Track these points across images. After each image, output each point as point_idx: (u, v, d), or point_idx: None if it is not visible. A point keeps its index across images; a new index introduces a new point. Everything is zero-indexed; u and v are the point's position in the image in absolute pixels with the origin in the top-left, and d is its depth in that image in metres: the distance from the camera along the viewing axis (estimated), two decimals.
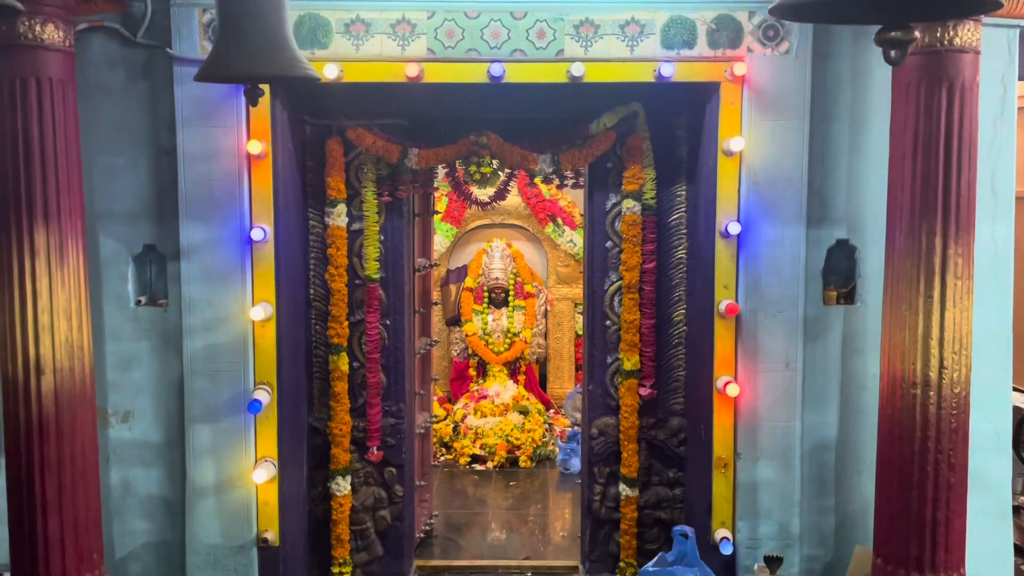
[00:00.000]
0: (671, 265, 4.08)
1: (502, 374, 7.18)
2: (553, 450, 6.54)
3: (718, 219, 3.66)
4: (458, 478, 6.21)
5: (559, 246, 7.48)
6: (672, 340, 4.14)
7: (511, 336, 7.24)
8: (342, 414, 4.09)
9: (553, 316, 7.57)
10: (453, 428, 6.71)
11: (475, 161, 3.92)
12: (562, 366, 7.60)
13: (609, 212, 4.12)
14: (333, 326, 4.01)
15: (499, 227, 7.52)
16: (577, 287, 7.49)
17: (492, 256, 7.30)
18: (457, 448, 6.55)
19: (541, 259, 7.62)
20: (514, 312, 7.27)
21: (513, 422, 6.61)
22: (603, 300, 4.17)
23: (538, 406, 6.98)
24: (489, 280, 7.26)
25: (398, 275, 4.14)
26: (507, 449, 6.44)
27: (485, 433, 6.54)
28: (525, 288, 7.31)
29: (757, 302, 3.69)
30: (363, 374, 4.12)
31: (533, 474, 6.29)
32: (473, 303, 7.30)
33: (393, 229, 4.10)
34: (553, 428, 6.92)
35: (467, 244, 7.58)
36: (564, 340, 7.58)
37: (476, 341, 7.24)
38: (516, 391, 7.01)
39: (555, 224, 7.42)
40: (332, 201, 3.95)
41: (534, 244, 7.59)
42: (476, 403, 6.87)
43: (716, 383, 3.73)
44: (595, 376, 4.22)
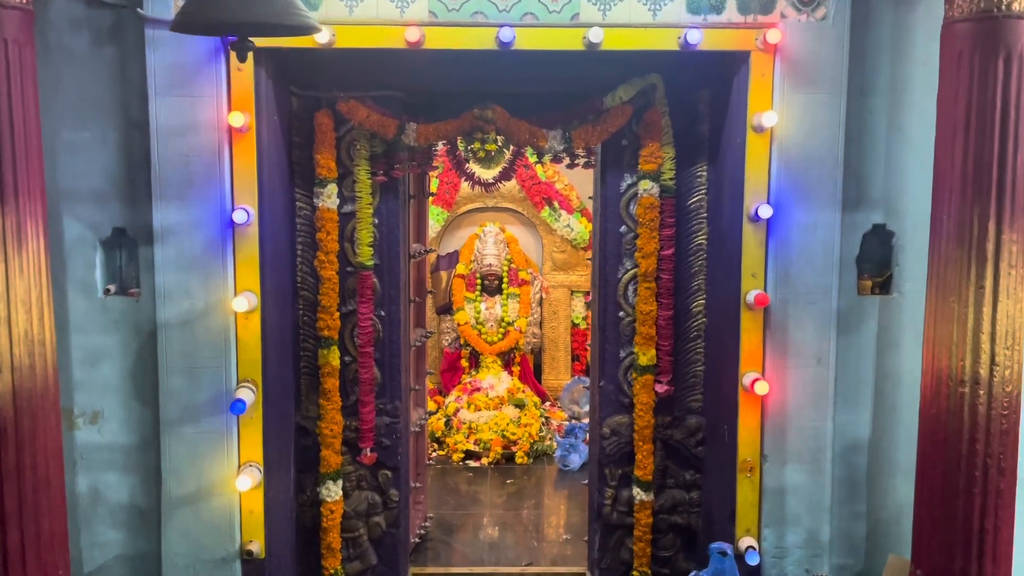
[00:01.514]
0: (690, 252, 3.91)
1: (496, 365, 7.07)
2: (551, 445, 6.42)
3: (746, 202, 3.49)
4: (451, 476, 6.06)
5: (555, 231, 7.34)
6: (690, 333, 3.98)
7: (505, 325, 7.13)
8: (333, 413, 3.89)
9: (549, 304, 7.45)
10: (445, 422, 6.57)
11: (479, 137, 3.71)
12: (558, 356, 7.50)
13: (624, 194, 3.93)
14: (323, 317, 3.82)
15: (492, 211, 7.38)
16: (574, 274, 7.41)
17: (485, 241, 7.17)
18: (450, 444, 6.40)
19: (536, 244, 7.50)
20: (508, 300, 7.17)
21: (508, 416, 6.47)
22: (616, 289, 3.99)
23: (534, 399, 6.86)
24: (482, 266, 7.13)
25: (393, 262, 3.96)
26: (502, 445, 6.30)
27: (479, 428, 6.40)
28: (519, 275, 7.20)
29: (787, 292, 3.53)
30: (355, 369, 3.95)
31: (530, 471, 6.16)
32: (465, 291, 7.18)
33: (388, 212, 3.91)
34: (550, 422, 6.80)
35: (459, 228, 7.45)
36: (560, 329, 7.47)
37: (468, 330, 7.11)
38: (511, 383, 6.88)
39: (551, 208, 7.28)
40: (322, 180, 3.74)
41: (529, 229, 7.47)
42: (469, 396, 6.73)
43: (742, 380, 3.57)
44: (607, 371, 4.05)
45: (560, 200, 7.26)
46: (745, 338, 3.54)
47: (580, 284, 7.39)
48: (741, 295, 3.53)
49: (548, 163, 3.92)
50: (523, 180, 7.19)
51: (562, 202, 7.26)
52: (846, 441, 3.73)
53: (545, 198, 7.24)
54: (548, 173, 7.22)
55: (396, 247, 3.94)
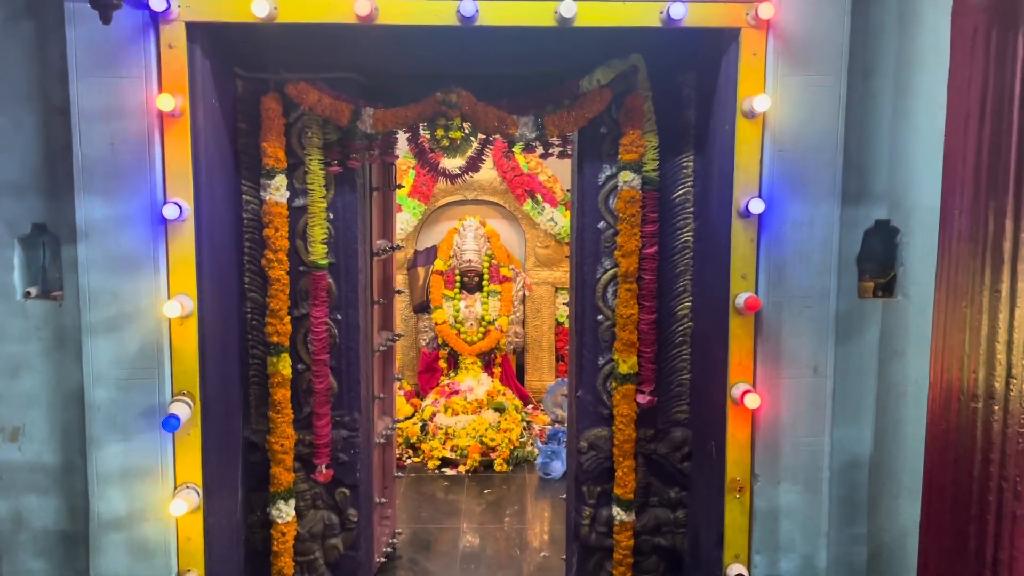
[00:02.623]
0: (675, 250, 3.68)
1: (475, 366, 6.90)
2: (532, 451, 6.22)
3: (736, 195, 3.24)
4: (426, 484, 5.84)
5: (538, 225, 7.18)
6: (675, 338, 3.74)
7: (485, 324, 6.97)
8: (283, 427, 3.65)
9: (531, 302, 7.29)
10: (421, 427, 6.37)
11: (442, 124, 3.47)
12: (541, 357, 7.34)
13: (602, 187, 3.68)
14: (272, 322, 3.57)
15: (472, 204, 7.21)
16: (558, 270, 7.26)
17: (464, 236, 6.99)
18: (425, 450, 6.20)
19: (518, 239, 7.34)
20: (489, 298, 7.02)
21: (487, 421, 6.28)
22: (594, 291, 3.74)
23: (515, 402, 6.68)
24: (461, 262, 6.96)
25: (351, 260, 3.72)
26: (481, 451, 6.09)
27: (456, 433, 6.20)
28: (501, 271, 7.04)
29: (781, 295, 3.29)
30: (309, 379, 3.71)
31: (510, 479, 5.93)
32: (443, 288, 7.00)
33: (345, 205, 3.67)
34: (532, 427, 6.63)
35: (437, 222, 7.28)
36: (544, 328, 7.32)
37: (447, 330, 6.93)
38: (491, 385, 6.70)
39: (534, 201, 7.11)
40: (269, 171, 3.50)
41: (511, 223, 7.31)
42: (447, 399, 6.53)
43: (731, 391, 3.32)
44: (584, 380, 3.80)
45: (543, 193, 7.09)
46: (735, 345, 3.30)
47: (565, 281, 7.21)
48: (730, 298, 3.29)
49: (520, 153, 3.65)
50: (504, 171, 7.01)
51: (545, 195, 7.09)
52: (845, 458, 3.52)
53: (527, 190, 7.07)
54: (531, 164, 7.04)
55: (354, 244, 3.71)
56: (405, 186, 6.83)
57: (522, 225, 7.24)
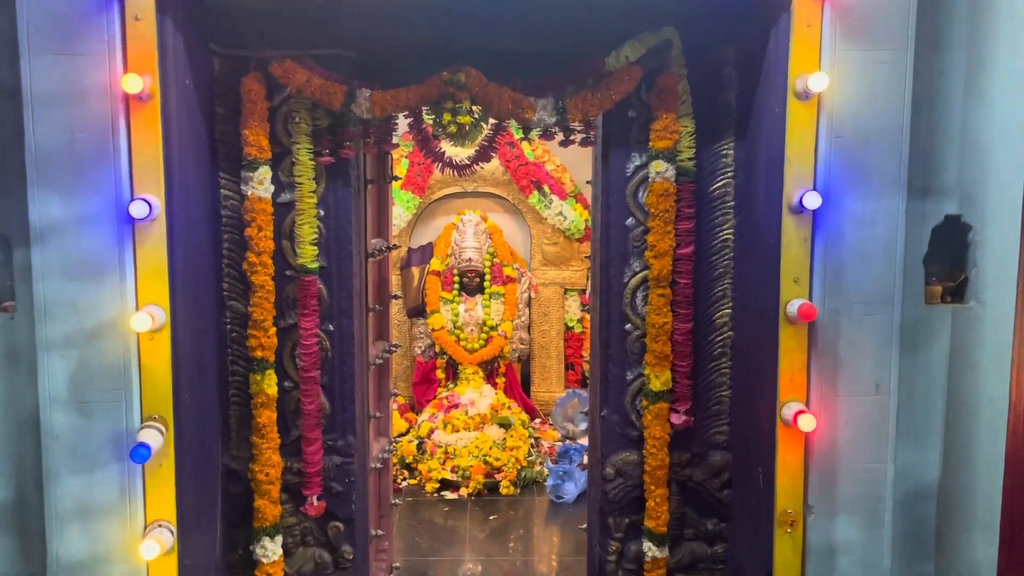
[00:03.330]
0: (713, 250, 3.58)
1: (477, 377, 6.87)
2: (541, 472, 6.14)
3: (787, 188, 3.14)
4: (424, 509, 5.74)
5: (545, 219, 7.14)
6: (713, 350, 3.65)
7: (487, 330, 6.96)
8: (269, 453, 3.54)
9: (538, 305, 7.26)
10: (418, 445, 6.30)
11: (449, 108, 3.35)
12: (549, 365, 7.31)
13: (631, 178, 3.58)
14: (255, 335, 3.47)
15: (472, 196, 7.17)
16: (567, 269, 7.26)
17: (464, 232, 6.98)
18: (423, 471, 6.12)
19: (523, 235, 7.32)
20: (491, 300, 7.01)
21: (492, 438, 6.21)
22: (621, 296, 3.64)
23: (521, 416, 6.63)
24: (460, 261, 6.93)
25: (344, 263, 3.61)
26: (485, 472, 6.01)
27: (457, 453, 6.12)
28: (504, 271, 7.03)
29: (838, 301, 3.19)
30: (297, 398, 3.61)
31: (517, 503, 5.84)
32: (441, 290, 6.98)
33: (337, 201, 3.57)
34: (540, 444, 6.57)
35: (432, 217, 7.25)
36: (552, 334, 7.29)
37: (445, 336, 6.89)
38: (495, 398, 6.64)
39: (540, 193, 7.06)
40: (251, 163, 3.39)
41: (515, 217, 7.28)
42: (445, 414, 6.46)
43: (781, 412, 3.23)
44: (610, 398, 3.70)
45: (551, 184, 7.04)
46: (785, 359, 3.20)
47: (575, 281, 7.22)
48: (780, 305, 3.19)
49: (536, 140, 3.57)
50: (507, 161, 6.96)
51: (553, 186, 7.04)
52: (910, 487, 3.44)
53: (533, 181, 7.02)
54: (536, 152, 7.01)
55: (347, 245, 3.60)
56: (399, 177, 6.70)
57: (527, 220, 7.22)
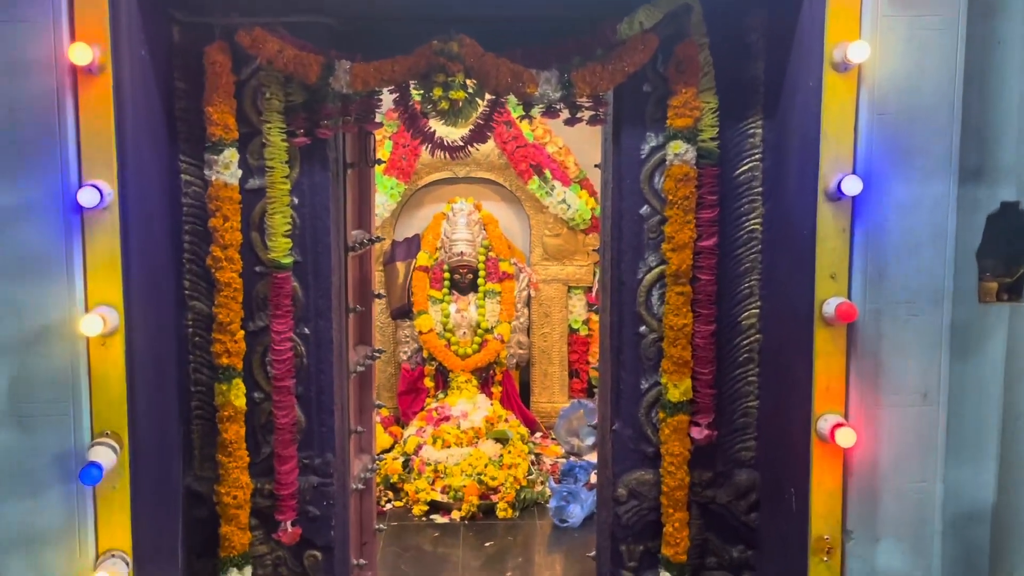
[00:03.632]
0: (739, 242, 3.62)
1: (470, 386, 6.91)
2: (543, 492, 6.17)
3: (822, 171, 3.17)
4: (411, 534, 5.75)
5: (547, 208, 7.18)
6: (739, 355, 3.68)
7: (482, 333, 7.00)
8: (236, 473, 3.58)
9: (539, 305, 7.31)
10: (404, 463, 6.32)
11: (440, 82, 3.35)
12: (551, 372, 7.36)
13: (646, 161, 3.62)
14: (220, 339, 3.52)
15: (464, 183, 7.23)
16: (571, 264, 7.33)
17: (455, 223, 7.02)
18: (410, 492, 6.12)
19: (522, 226, 7.37)
20: (485, 300, 7.05)
21: (487, 454, 6.22)
22: (635, 295, 3.67)
23: (520, 430, 6.66)
24: (451, 256, 6.99)
25: (321, 258, 3.67)
26: (479, 493, 6.02)
27: (448, 471, 6.13)
28: (500, 267, 7.07)
29: (881, 300, 3.22)
30: (269, 411, 3.66)
31: (516, 527, 5.86)
32: (429, 288, 7.02)
33: (313, 187, 3.61)
34: (541, 461, 6.61)
35: (419, 206, 7.32)
36: (554, 337, 7.34)
37: (434, 340, 6.93)
38: (490, 410, 6.68)
39: (541, 178, 7.09)
40: (216, 144, 3.43)
41: (512, 206, 7.33)
42: (435, 427, 6.49)
43: (816, 425, 3.24)
44: (623, 409, 3.74)
45: (553, 168, 7.08)
46: (821, 365, 3.23)
47: (579, 278, 7.27)
48: (815, 304, 3.21)
49: (538, 118, 3.64)
50: (504, 142, 6.99)
51: (555, 170, 7.08)
52: (962, 508, 3.46)
53: (533, 165, 7.05)
54: (536, 133, 7.05)
55: (325, 237, 3.64)
56: (382, 161, 6.77)
57: (526, 209, 7.26)
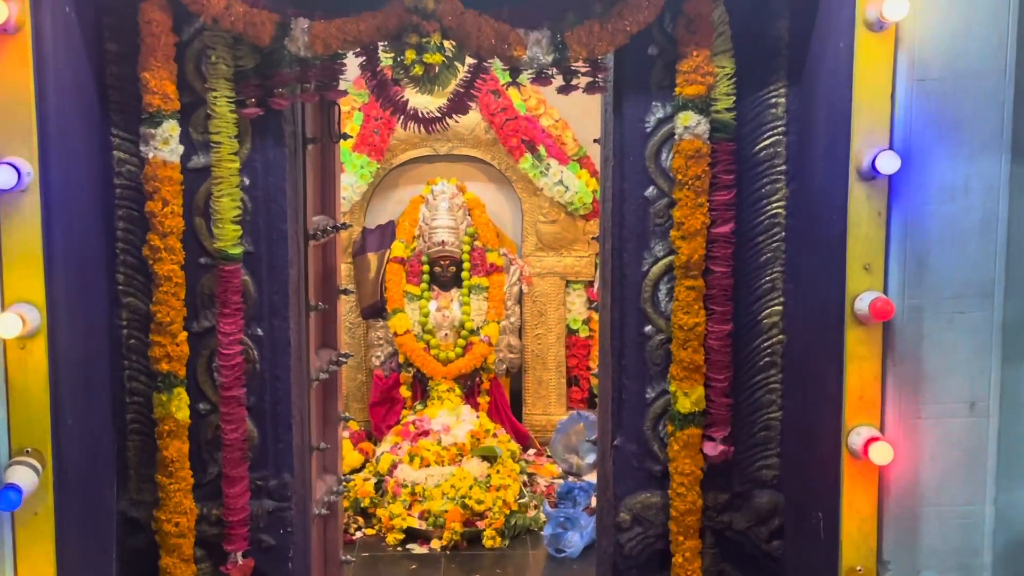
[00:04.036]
0: (759, 228, 3.70)
1: (453, 395, 6.98)
2: (537, 518, 6.21)
3: (854, 147, 3.24)
4: (385, 566, 5.82)
5: (541, 190, 7.23)
6: (758, 359, 3.77)
7: (466, 334, 7.06)
8: (179, 497, 3.64)
9: (532, 301, 7.37)
10: (376, 485, 6.37)
11: (414, 44, 3.40)
12: (547, 380, 7.42)
13: (652, 135, 3.68)
14: (160, 341, 3.58)
15: (446, 161, 7.30)
16: (570, 255, 7.40)
17: (435, 207, 7.10)
18: (383, 518, 6.16)
19: (513, 211, 7.44)
20: (471, 296, 7.11)
21: (472, 475, 6.26)
22: (639, 290, 3.75)
23: (510, 446, 6.72)
24: (431, 246, 7.06)
25: (277, 247, 3.75)
26: (463, 519, 6.06)
27: (428, 494, 6.16)
28: (488, 258, 7.14)
29: (922, 295, 3.29)
30: (216, 424, 3.72)
31: (505, 558, 5.93)
32: (405, 283, 7.09)
33: (267, 166, 3.69)
34: (535, 481, 6.69)
35: (394, 188, 7.38)
36: (550, 339, 7.41)
37: (411, 343, 6.98)
38: (476, 423, 6.74)
39: (535, 156, 7.12)
40: (153, 115, 3.49)
41: (502, 188, 7.41)
42: (412, 443, 6.52)
43: (848, 439, 3.32)
44: (625, 422, 3.81)
45: (548, 144, 7.12)
46: (853, 370, 3.29)
47: (579, 270, 7.33)
48: (846, 300, 3.27)
49: (528, 86, 3.66)
50: (491, 114, 7.03)
51: (551, 147, 7.11)
52: (1015, 535, 3.48)
53: (525, 141, 7.09)
54: (530, 103, 7.09)
55: (281, 223, 3.71)
56: (349, 136, 6.75)
57: (518, 191, 7.28)
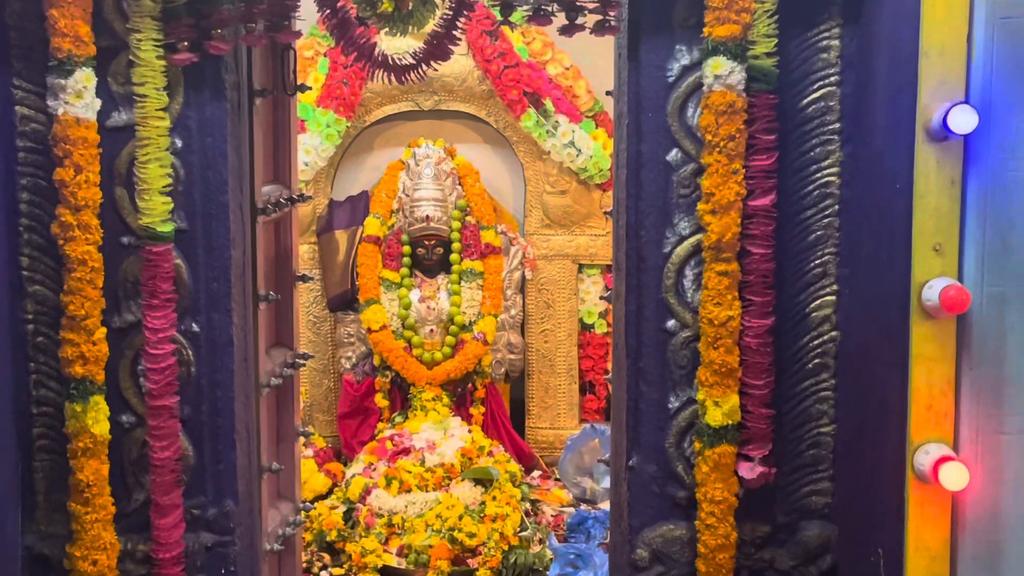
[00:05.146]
0: (807, 201, 3.77)
1: (440, 405, 6.98)
2: (542, 554, 6.21)
3: (922, 101, 3.26)
4: None
5: (548, 155, 7.20)
6: (805, 360, 3.85)
7: (456, 330, 7.06)
8: (97, 529, 3.75)
9: (537, 290, 7.36)
10: (345, 514, 6.37)
11: None
12: (556, 386, 7.40)
13: (675, 86, 3.75)
14: (73, 339, 3.68)
15: (431, 118, 7.30)
16: (583, 234, 7.36)
17: (418, 175, 7.09)
18: (354, 554, 6.15)
19: (514, 180, 7.44)
20: (462, 284, 7.13)
21: (462, 501, 6.28)
22: (660, 276, 3.81)
23: (510, 467, 6.70)
24: (413, 222, 7.05)
25: (217, 223, 3.87)
26: (452, 556, 6.06)
27: (409, 525, 6.16)
28: (483, 237, 7.14)
29: (1006, 282, 3.30)
30: (143, 441, 3.80)
31: None
32: (381, 267, 7.08)
33: (203, 124, 3.81)
34: (540, 510, 6.68)
35: (368, 152, 7.39)
36: (560, 336, 7.38)
37: (388, 342, 6.98)
38: (468, 439, 6.72)
39: (540, 112, 7.08)
40: (64, 63, 3.59)
41: (499, 151, 7.42)
42: (390, 464, 6.55)
43: (914, 458, 3.34)
44: (643, 438, 3.89)
45: (556, 97, 7.08)
46: (920, 374, 3.32)
47: (595, 252, 7.31)
48: (912, 288, 3.29)
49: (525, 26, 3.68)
50: (486, 60, 7.02)
51: (560, 100, 7.08)
52: None
53: (528, 93, 7.03)
54: (534, 46, 7.05)
55: (222, 194, 3.82)
56: (308, 87, 6.71)
57: (519, 155, 7.29)
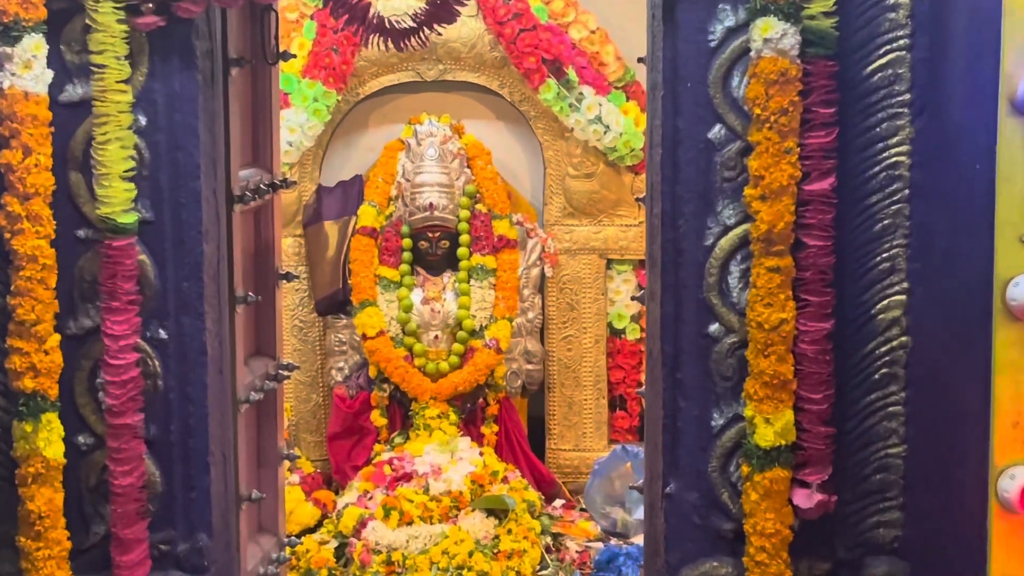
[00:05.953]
0: (873, 185, 3.74)
1: (446, 423, 7.07)
2: None
3: (1005, 68, 3.21)
4: None
5: (571, 132, 7.28)
6: (871, 370, 3.82)
7: (465, 336, 7.16)
8: (51, 568, 3.79)
9: (559, 290, 7.45)
10: (337, 550, 6.45)
11: None
12: (581, 401, 7.49)
13: (718, 51, 3.76)
14: (20, 347, 3.73)
15: (434, 91, 7.40)
16: (612, 224, 7.45)
17: (420, 156, 7.19)
18: None
19: (532, 162, 7.54)
20: (471, 283, 7.22)
21: (472, 535, 6.34)
22: (701, 272, 3.83)
23: (528, 495, 6.78)
24: (414, 211, 7.13)
25: (187, 214, 3.93)
26: None
27: (411, 563, 6.22)
28: (496, 228, 7.22)
29: None
30: (103, 465, 3.85)
31: None
32: (378, 263, 7.18)
33: (172, 99, 3.86)
34: (563, 545, 6.74)
35: (363, 130, 7.51)
36: (585, 343, 7.46)
37: (386, 350, 7.08)
38: (479, 462, 6.80)
39: (562, 83, 7.18)
40: (9, 29, 3.66)
41: (515, 128, 7.52)
42: (388, 492, 6.61)
43: (997, 485, 3.31)
44: (681, 460, 3.91)
45: (580, 65, 7.16)
46: (1005, 386, 3.27)
47: (626, 245, 7.39)
48: (995, 286, 3.27)
49: None
50: (499, 22, 7.09)
51: (584, 69, 7.16)
52: None
53: (548, 61, 7.12)
54: (554, 5, 7.14)
55: (192, 180, 3.88)
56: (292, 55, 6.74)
57: (538, 133, 7.38)
